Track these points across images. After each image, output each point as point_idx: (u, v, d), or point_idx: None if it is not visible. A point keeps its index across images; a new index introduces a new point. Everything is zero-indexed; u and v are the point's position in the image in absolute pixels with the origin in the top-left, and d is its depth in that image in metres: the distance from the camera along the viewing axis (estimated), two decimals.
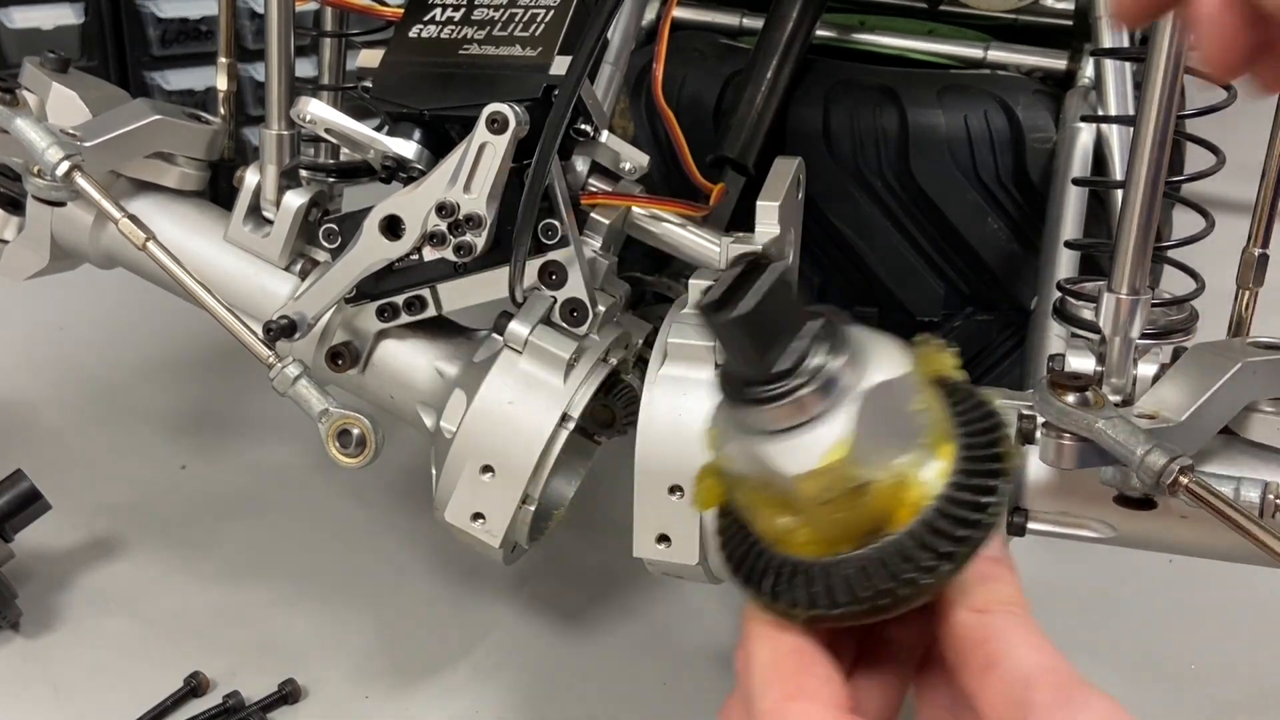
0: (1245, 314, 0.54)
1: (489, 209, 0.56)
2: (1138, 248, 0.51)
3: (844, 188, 0.74)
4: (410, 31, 0.62)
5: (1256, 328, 0.54)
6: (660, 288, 0.66)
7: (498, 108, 0.55)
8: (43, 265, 0.68)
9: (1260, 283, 0.54)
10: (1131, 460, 0.47)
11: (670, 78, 0.65)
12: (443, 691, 0.62)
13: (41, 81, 0.66)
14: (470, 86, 0.58)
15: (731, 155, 0.69)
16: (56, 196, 0.63)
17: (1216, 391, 0.50)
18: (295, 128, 0.61)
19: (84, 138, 0.62)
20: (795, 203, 0.63)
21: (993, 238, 0.73)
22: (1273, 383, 0.51)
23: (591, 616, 0.67)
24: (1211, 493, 0.46)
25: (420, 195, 0.57)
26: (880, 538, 0.37)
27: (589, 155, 0.60)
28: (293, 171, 0.62)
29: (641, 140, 0.69)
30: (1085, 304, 0.55)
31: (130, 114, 0.64)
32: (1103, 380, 0.53)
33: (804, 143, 0.71)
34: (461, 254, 0.57)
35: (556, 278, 0.58)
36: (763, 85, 0.72)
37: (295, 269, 0.62)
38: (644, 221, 0.62)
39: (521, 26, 0.60)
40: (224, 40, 0.69)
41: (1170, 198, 0.58)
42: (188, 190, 0.66)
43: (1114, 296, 0.52)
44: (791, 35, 0.73)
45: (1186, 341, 0.54)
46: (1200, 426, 0.50)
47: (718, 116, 0.75)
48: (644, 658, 0.65)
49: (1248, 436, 0.52)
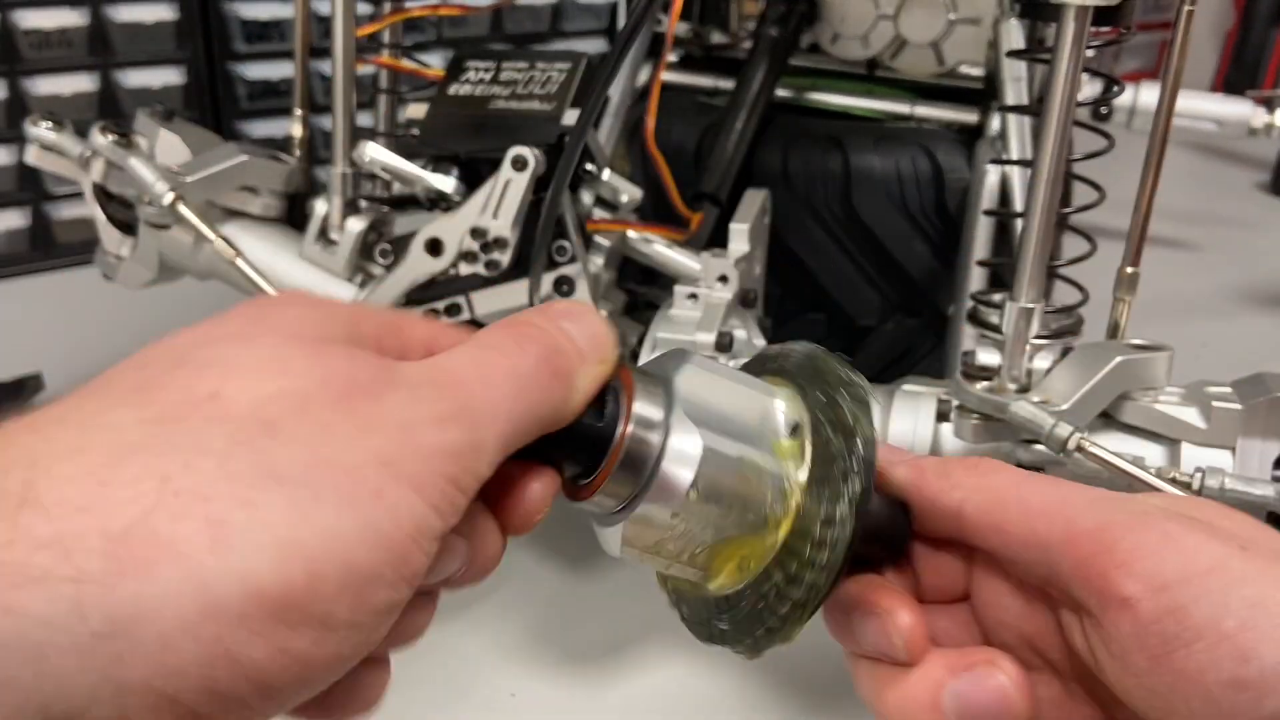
0: (1121, 320, 0.54)
1: (513, 232, 0.56)
2: (1035, 266, 0.51)
3: (799, 218, 0.74)
4: (449, 89, 0.62)
5: (1130, 331, 0.54)
6: (650, 296, 0.66)
7: (520, 150, 0.55)
8: (152, 277, 0.68)
9: (1133, 294, 0.54)
10: (1041, 432, 0.48)
11: (659, 128, 0.65)
12: (473, 621, 0.62)
13: (151, 128, 0.65)
14: (498, 133, 0.58)
15: (709, 191, 0.69)
16: (163, 221, 0.63)
17: (1097, 382, 0.50)
18: (356, 167, 0.61)
19: (185, 174, 0.62)
20: (762, 226, 0.63)
21: (918, 257, 0.73)
22: (1142, 376, 0.51)
23: (595, 562, 0.67)
24: (1104, 451, 0.48)
25: (457, 221, 0.57)
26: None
27: (594, 190, 0.60)
28: (354, 202, 0.62)
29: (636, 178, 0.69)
30: (993, 311, 0.55)
31: (223, 154, 0.64)
32: (1004, 372, 0.53)
33: (767, 181, 0.71)
34: (490, 269, 0.57)
35: (567, 288, 0.58)
36: (734, 134, 0.72)
37: (356, 280, 0.62)
38: (638, 243, 0.62)
39: (540, 86, 0.60)
40: (299, 96, 0.68)
41: (1061, 225, 0.58)
42: (269, 217, 0.66)
43: (1015, 305, 0.52)
44: (757, 95, 0.73)
45: (1073, 342, 0.54)
46: (1084, 410, 0.50)
47: (697, 159, 0.75)
48: (640, 595, 0.65)
49: (1122, 420, 0.52)
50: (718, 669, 0.59)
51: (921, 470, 0.32)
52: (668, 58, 0.82)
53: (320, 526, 0.22)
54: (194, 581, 0.21)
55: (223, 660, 0.21)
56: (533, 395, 0.27)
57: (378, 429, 0.24)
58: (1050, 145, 0.49)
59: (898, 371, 0.73)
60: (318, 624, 0.22)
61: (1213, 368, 0.54)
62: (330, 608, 0.22)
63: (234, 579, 0.21)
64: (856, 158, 0.72)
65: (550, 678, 0.58)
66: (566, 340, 0.29)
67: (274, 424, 0.23)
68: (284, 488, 0.22)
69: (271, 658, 0.22)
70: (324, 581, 0.22)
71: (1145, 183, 0.52)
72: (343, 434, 0.23)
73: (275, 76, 1.05)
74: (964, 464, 0.31)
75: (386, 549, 0.23)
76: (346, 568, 0.22)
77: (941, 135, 0.74)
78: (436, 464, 0.24)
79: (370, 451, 0.23)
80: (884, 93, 0.79)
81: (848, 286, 0.75)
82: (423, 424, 0.25)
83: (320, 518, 0.22)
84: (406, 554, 0.24)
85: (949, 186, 0.72)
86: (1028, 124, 0.67)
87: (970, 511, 0.30)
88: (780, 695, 0.57)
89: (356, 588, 0.23)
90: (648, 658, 0.60)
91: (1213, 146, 1.46)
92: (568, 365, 0.28)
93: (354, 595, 0.23)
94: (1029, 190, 0.50)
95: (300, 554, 0.22)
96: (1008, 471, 0.31)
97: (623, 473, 0.29)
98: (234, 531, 0.21)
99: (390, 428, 0.24)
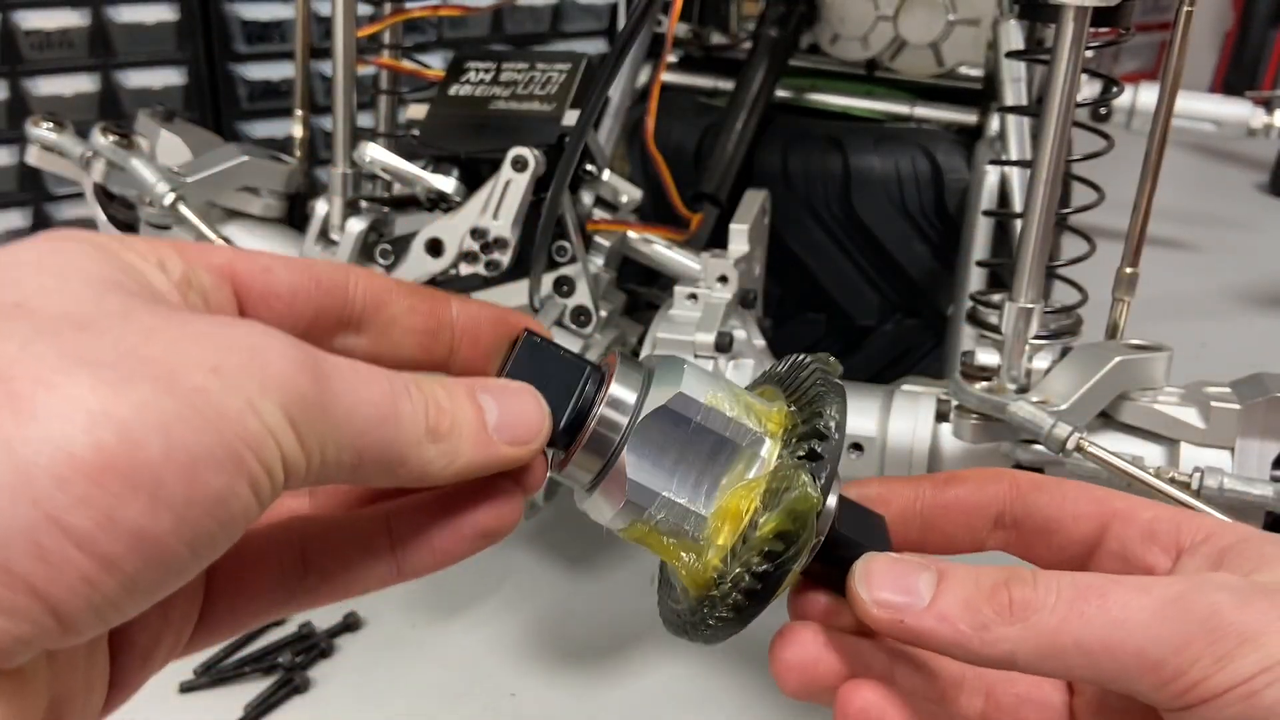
0: (1120, 320, 0.54)
1: (513, 233, 0.56)
2: (1034, 266, 0.51)
3: (799, 218, 0.74)
4: (450, 90, 0.62)
5: (1129, 332, 0.54)
6: (650, 296, 0.66)
7: (520, 151, 0.55)
8: None
9: (1132, 295, 0.54)
10: (1040, 432, 0.48)
11: (659, 129, 0.65)
12: (474, 621, 0.62)
13: (152, 129, 0.65)
14: (498, 134, 0.58)
15: (708, 191, 0.69)
16: (164, 222, 0.63)
17: (1096, 382, 0.50)
18: (356, 168, 0.61)
19: (186, 174, 0.62)
20: (762, 226, 0.63)
21: (918, 258, 0.73)
22: (1141, 376, 0.51)
23: (594, 561, 0.67)
24: (1103, 451, 0.47)
25: (458, 222, 0.57)
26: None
27: (593, 190, 0.60)
28: (354, 202, 0.62)
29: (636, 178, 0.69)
30: (992, 311, 0.55)
31: (224, 155, 0.64)
32: (1003, 372, 0.53)
33: (767, 182, 0.71)
34: (491, 269, 0.57)
35: (567, 288, 0.58)
36: (734, 135, 0.72)
37: None
38: (638, 244, 0.62)
39: (539, 87, 0.60)
40: (299, 97, 0.69)
41: (1060, 226, 0.58)
42: (270, 217, 0.66)
43: (1014, 305, 0.52)
44: (756, 95, 0.73)
45: (1072, 342, 0.54)
46: (1083, 410, 0.50)
47: (697, 160, 0.76)
48: (637, 594, 0.65)
49: (1120, 420, 0.52)
50: (717, 669, 0.59)
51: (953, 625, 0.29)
52: (668, 58, 0.82)
53: (133, 401, 0.21)
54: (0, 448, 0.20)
55: (47, 525, 0.20)
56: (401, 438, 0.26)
57: (217, 342, 0.22)
58: (1049, 146, 0.49)
59: (897, 371, 0.73)
60: (146, 493, 0.21)
61: (1212, 368, 0.54)
62: (157, 474, 0.21)
63: (42, 443, 0.20)
64: (856, 158, 0.73)
65: (550, 678, 0.58)
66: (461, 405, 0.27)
67: (88, 323, 0.22)
68: (90, 371, 0.21)
69: (101, 525, 0.20)
70: (142, 448, 0.21)
71: (1144, 183, 0.52)
72: (168, 338, 0.22)
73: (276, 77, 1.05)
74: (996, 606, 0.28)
75: (215, 433, 0.21)
76: (167, 436, 0.21)
77: (941, 136, 0.74)
78: (278, 396, 0.23)
79: (201, 356, 0.22)
80: (884, 93, 0.79)
81: (847, 286, 0.75)
82: (274, 355, 0.23)
83: (132, 394, 0.21)
84: (237, 451, 0.22)
85: (948, 187, 0.72)
86: (1027, 124, 0.67)
87: (1024, 661, 0.28)
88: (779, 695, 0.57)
89: (183, 460, 0.21)
90: (648, 658, 0.60)
91: (1212, 147, 1.46)
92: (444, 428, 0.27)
93: (181, 467, 0.21)
94: (1028, 191, 0.50)
95: (112, 422, 0.20)
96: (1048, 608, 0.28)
97: (588, 453, 0.30)
98: (37, 404, 0.20)
99: (234, 347, 0.22)
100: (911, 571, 0.29)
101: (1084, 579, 0.28)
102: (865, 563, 0.30)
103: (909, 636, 0.29)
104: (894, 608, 0.29)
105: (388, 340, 0.31)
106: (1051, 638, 0.28)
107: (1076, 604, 0.28)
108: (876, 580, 0.30)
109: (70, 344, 0.21)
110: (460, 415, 0.27)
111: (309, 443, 0.23)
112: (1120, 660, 0.27)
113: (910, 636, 0.29)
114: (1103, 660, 0.27)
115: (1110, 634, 0.27)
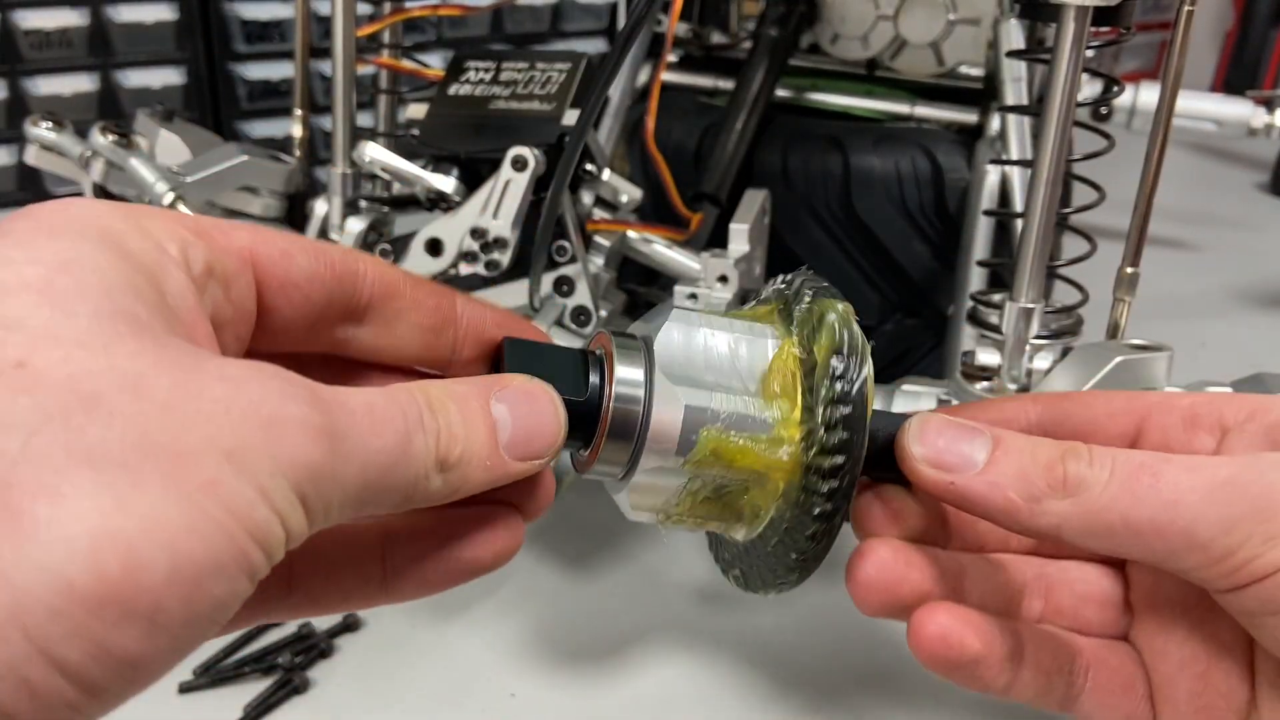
0: (1121, 320, 0.54)
1: (513, 233, 0.56)
2: (1035, 266, 0.51)
3: (799, 218, 0.74)
4: (449, 90, 0.62)
5: (1130, 331, 0.54)
6: (650, 297, 0.66)
7: (520, 151, 0.55)
8: None
9: (1133, 294, 0.54)
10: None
11: (659, 128, 0.65)
12: (473, 622, 0.62)
13: (151, 128, 0.65)
14: (498, 134, 0.58)
15: (709, 191, 0.69)
16: None
17: (1097, 382, 0.50)
18: (356, 167, 0.61)
19: (185, 174, 0.62)
20: (762, 226, 0.63)
21: (918, 257, 0.73)
22: (1142, 376, 0.51)
23: (593, 562, 0.67)
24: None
25: (457, 221, 0.57)
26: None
27: (593, 190, 0.60)
28: (354, 202, 0.62)
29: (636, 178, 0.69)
30: (992, 311, 0.55)
31: (223, 155, 0.64)
32: (1004, 372, 0.53)
33: (767, 181, 0.71)
34: (490, 269, 0.57)
35: (567, 288, 0.58)
36: (734, 135, 0.72)
37: None
38: (638, 243, 0.62)
39: (539, 86, 0.60)
40: (299, 97, 0.68)
41: (1061, 226, 0.58)
42: (269, 217, 0.66)
43: (1015, 305, 0.52)
44: (756, 95, 0.73)
45: (1073, 342, 0.54)
46: None
47: (697, 160, 0.75)
48: (635, 594, 0.65)
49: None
50: (718, 669, 0.59)
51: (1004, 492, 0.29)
52: (668, 58, 0.82)
53: (139, 513, 0.20)
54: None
55: (38, 659, 0.19)
56: (409, 473, 0.25)
57: (229, 418, 0.21)
58: (1050, 145, 0.49)
59: (898, 371, 0.73)
60: (144, 619, 0.20)
61: (1212, 368, 0.54)
62: (158, 600, 0.20)
63: (40, 571, 0.19)
64: (856, 158, 0.72)
65: (550, 678, 0.58)
66: (475, 429, 0.26)
67: (98, 399, 0.20)
68: (98, 473, 0.20)
69: (94, 657, 0.19)
70: (146, 571, 0.20)
71: (1145, 183, 0.52)
72: (182, 417, 0.21)
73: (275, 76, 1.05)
74: (1050, 479, 0.28)
75: (224, 537, 0.21)
76: (173, 555, 0.20)
77: (941, 135, 0.74)
78: (289, 474, 0.22)
79: (212, 439, 0.21)
80: (884, 93, 0.79)
81: (848, 286, 0.75)
82: (287, 425, 0.22)
83: (140, 504, 0.20)
84: (243, 551, 0.21)
85: (949, 187, 0.72)
86: (1027, 124, 0.67)
87: (1071, 534, 0.29)
88: (780, 695, 0.57)
89: (187, 578, 0.20)
90: (648, 658, 0.60)
91: (1213, 146, 1.46)
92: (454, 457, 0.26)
93: (184, 586, 0.20)
94: (1029, 190, 0.50)
95: (116, 544, 0.19)
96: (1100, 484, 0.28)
97: (614, 442, 0.30)
98: (36, 524, 0.19)
99: (245, 420, 0.21)
100: (967, 435, 0.29)
101: (1138, 457, 0.28)
102: (920, 420, 0.30)
103: (957, 499, 0.29)
104: (946, 467, 0.29)
105: (392, 334, 0.30)
106: (1100, 515, 0.28)
107: (1129, 482, 0.28)
108: (930, 438, 0.29)
109: (77, 435, 0.20)
110: (473, 440, 0.27)
111: (315, 511, 0.23)
112: (1169, 540, 0.27)
113: (958, 499, 0.29)
114: (1151, 539, 0.27)
115: (1159, 514, 0.27)
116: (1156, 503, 0.27)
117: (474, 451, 0.27)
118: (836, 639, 0.61)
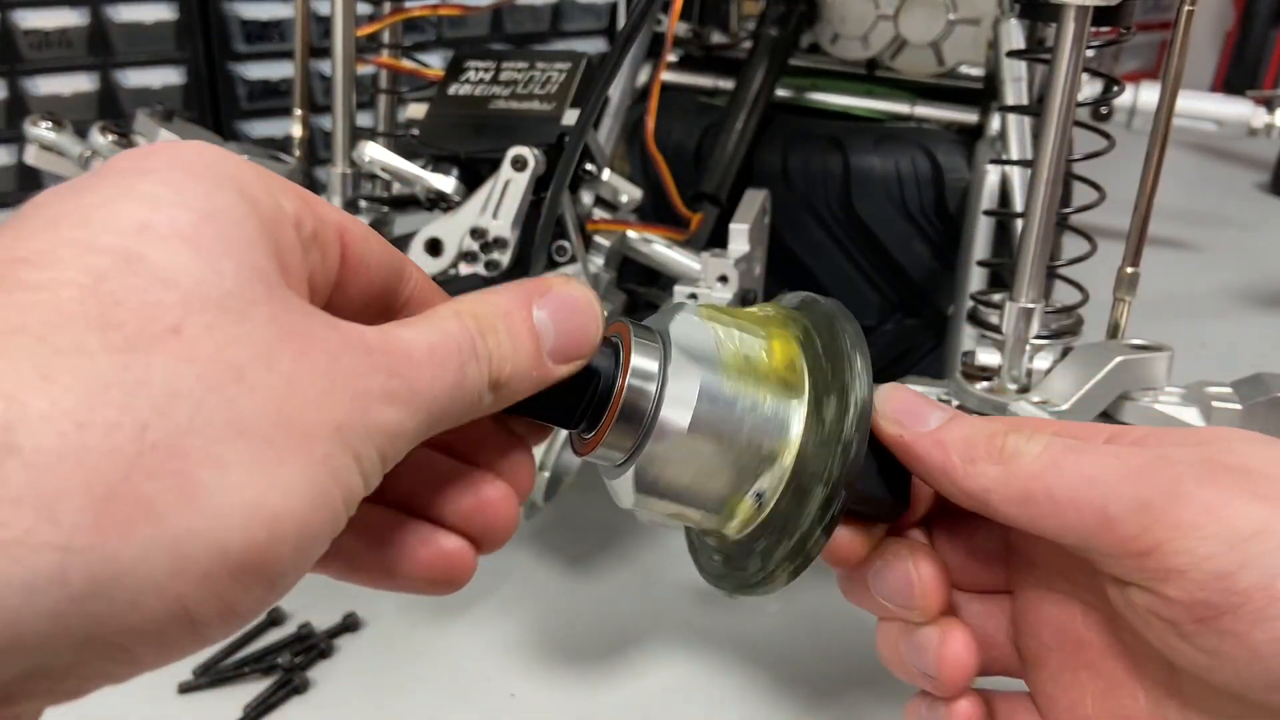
0: (1121, 320, 0.54)
1: (513, 233, 0.56)
2: (1035, 266, 0.51)
3: (799, 218, 0.74)
4: (449, 89, 0.62)
5: (1130, 331, 0.54)
6: (650, 297, 0.66)
7: (520, 150, 0.55)
8: None
9: (1133, 294, 0.54)
10: None
11: (659, 128, 0.65)
12: (473, 621, 0.62)
13: (151, 128, 0.65)
14: (498, 134, 0.58)
15: (709, 191, 0.69)
16: None
17: (1097, 382, 0.50)
18: (356, 167, 0.61)
19: None
20: (762, 226, 0.63)
21: (918, 258, 0.73)
22: (1142, 376, 0.51)
23: (593, 561, 0.67)
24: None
25: (457, 221, 0.57)
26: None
27: (593, 190, 0.60)
28: (354, 202, 0.62)
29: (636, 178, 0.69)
30: (992, 311, 0.55)
31: None
32: (1004, 372, 0.53)
33: (767, 181, 0.71)
34: (490, 269, 0.57)
35: None
36: (734, 134, 0.72)
37: None
38: (637, 243, 0.62)
39: (539, 86, 0.60)
40: (299, 97, 0.68)
41: (1061, 226, 0.58)
42: None
43: (1015, 305, 0.52)
44: (756, 95, 0.73)
45: (1073, 342, 0.54)
46: (1084, 410, 0.50)
47: (697, 160, 0.75)
48: (635, 593, 0.65)
49: (1121, 420, 0.52)
50: (717, 669, 0.59)
51: (946, 452, 0.31)
52: (668, 58, 0.82)
53: (283, 489, 0.22)
54: (167, 542, 0.21)
55: (180, 617, 0.21)
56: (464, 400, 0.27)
57: (336, 393, 0.24)
58: (1050, 145, 0.49)
59: (898, 371, 0.73)
60: (268, 584, 0.22)
61: (1212, 368, 0.54)
62: (284, 568, 0.23)
63: (204, 541, 0.21)
64: (856, 158, 0.72)
65: (550, 678, 0.58)
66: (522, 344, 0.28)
67: (241, 371, 0.22)
68: (249, 445, 0.22)
69: (222, 615, 0.22)
70: (282, 543, 0.22)
71: (1145, 183, 0.52)
72: (303, 392, 0.23)
73: (275, 76, 1.05)
74: (989, 447, 0.31)
75: (330, 510, 0.23)
76: (301, 530, 0.23)
77: (941, 135, 0.74)
78: (377, 440, 0.24)
79: (327, 415, 0.23)
80: (884, 93, 0.79)
81: (848, 286, 0.75)
82: (375, 398, 0.24)
83: (283, 479, 0.22)
84: (339, 518, 0.24)
85: (949, 187, 0.72)
86: (1028, 124, 0.67)
87: (996, 502, 0.30)
88: (780, 695, 0.57)
89: (306, 549, 0.23)
90: (648, 658, 0.60)
91: (1213, 146, 1.46)
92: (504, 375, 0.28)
93: (303, 556, 0.23)
94: (1029, 190, 0.50)
95: (265, 517, 0.22)
96: (1031, 456, 0.30)
97: (622, 424, 0.30)
98: (206, 493, 0.21)
99: (346, 394, 0.24)
100: (927, 405, 0.33)
101: (1073, 442, 0.30)
102: (890, 388, 0.33)
103: (906, 453, 0.32)
104: (902, 425, 0.32)
105: None
106: (1026, 483, 0.29)
107: (1057, 457, 0.29)
108: (896, 404, 0.32)
109: (230, 406, 0.22)
110: (520, 356, 0.28)
111: (389, 463, 0.25)
112: (1084, 514, 0.28)
113: (907, 453, 0.32)
114: (1068, 512, 0.29)
115: (1078, 487, 0.29)
116: (1077, 476, 0.29)
117: (522, 366, 0.28)
118: (836, 639, 0.61)
